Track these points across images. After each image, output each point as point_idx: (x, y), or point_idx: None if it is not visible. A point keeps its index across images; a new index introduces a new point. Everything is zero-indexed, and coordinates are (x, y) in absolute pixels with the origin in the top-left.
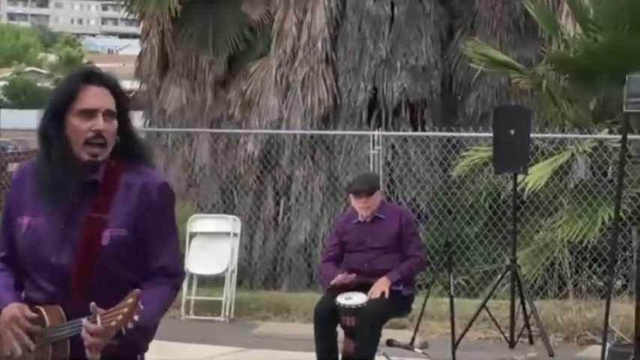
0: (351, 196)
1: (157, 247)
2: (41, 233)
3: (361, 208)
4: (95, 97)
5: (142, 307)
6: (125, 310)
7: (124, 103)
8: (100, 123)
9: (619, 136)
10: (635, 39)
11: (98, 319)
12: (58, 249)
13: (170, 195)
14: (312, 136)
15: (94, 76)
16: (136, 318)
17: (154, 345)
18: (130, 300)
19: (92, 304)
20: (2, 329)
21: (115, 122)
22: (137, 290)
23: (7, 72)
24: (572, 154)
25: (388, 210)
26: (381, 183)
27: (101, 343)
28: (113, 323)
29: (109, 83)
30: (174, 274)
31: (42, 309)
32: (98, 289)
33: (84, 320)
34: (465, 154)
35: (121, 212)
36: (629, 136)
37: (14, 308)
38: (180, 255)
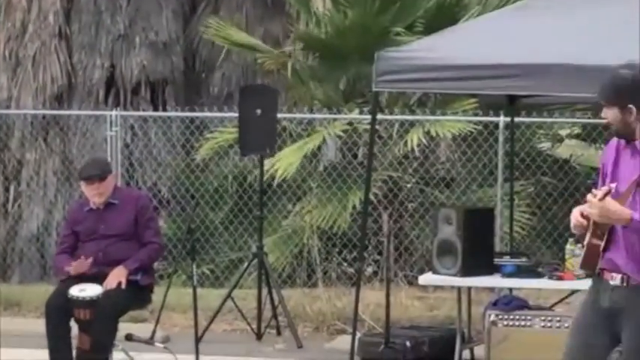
0: (82, 182)
1: None
2: None
3: (94, 195)
4: None
5: None
6: None
7: None
8: None
9: (369, 117)
10: (383, 16)
11: None
12: None
13: None
14: (44, 117)
15: None
16: None
17: None
18: None
19: None
20: None
21: None
22: None
23: None
24: (323, 136)
25: (123, 195)
26: (119, 167)
27: None
28: None
29: None
30: None
31: None
32: None
33: None
34: (209, 135)
35: None
36: (379, 117)
37: None
38: None
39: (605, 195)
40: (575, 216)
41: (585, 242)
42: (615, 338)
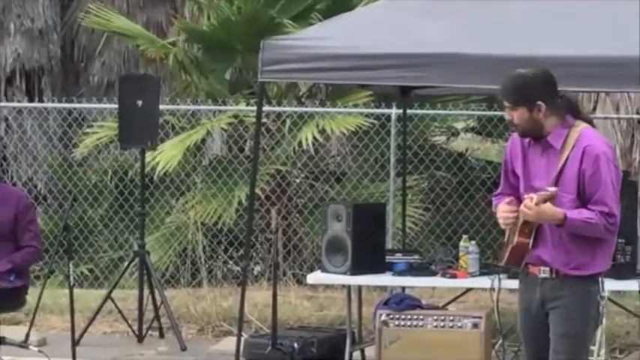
0: None
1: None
2: None
3: None
4: None
5: None
6: None
7: None
8: None
9: (255, 109)
10: (271, 5)
11: None
12: None
13: None
14: None
15: None
16: None
17: None
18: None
19: None
20: None
21: None
22: None
23: None
24: (207, 130)
25: (1, 192)
26: None
27: None
28: None
29: None
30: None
31: None
32: None
33: None
34: (88, 130)
35: None
36: (266, 108)
37: None
38: None
39: (546, 200)
40: (504, 216)
41: (512, 240)
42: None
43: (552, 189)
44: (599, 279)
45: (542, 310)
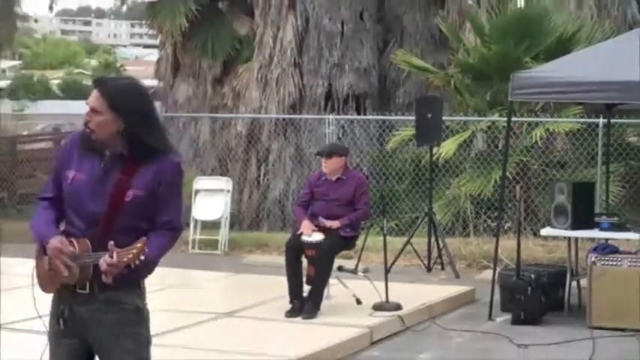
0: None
1: (164, 207)
2: (82, 185)
3: (324, 167)
4: (90, 97)
5: (147, 250)
6: (134, 251)
7: (115, 103)
8: (86, 115)
9: (506, 119)
10: (518, 49)
11: (115, 254)
12: (92, 199)
13: (178, 173)
14: (283, 119)
15: (95, 82)
16: (142, 257)
17: (172, 271)
18: (139, 245)
19: (110, 243)
20: (50, 256)
21: (103, 117)
22: (144, 238)
23: (60, 73)
24: (473, 132)
25: (351, 175)
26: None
27: (114, 271)
28: (125, 259)
29: (99, 87)
30: (175, 227)
31: (74, 240)
32: (118, 232)
33: (103, 254)
34: (395, 133)
35: (141, 180)
36: (513, 119)
37: (56, 241)
38: (181, 214)
39: None
40: None
41: None
42: None
43: None
44: None
45: None
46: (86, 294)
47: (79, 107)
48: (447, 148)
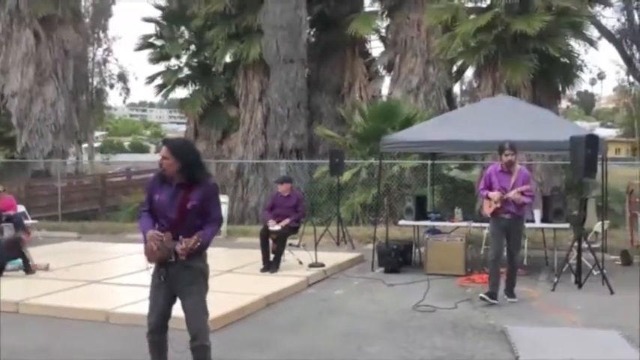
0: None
1: (211, 209)
2: (163, 202)
3: (279, 189)
4: (161, 150)
5: (202, 237)
6: (194, 238)
7: (176, 152)
8: (160, 161)
9: (378, 161)
10: (384, 124)
11: (183, 242)
12: (169, 209)
13: (215, 190)
14: (257, 163)
15: (164, 141)
16: (199, 243)
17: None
18: (195, 237)
19: (181, 236)
20: (149, 241)
21: (170, 161)
22: (200, 232)
23: (129, 138)
24: (360, 168)
25: (293, 193)
26: None
27: (186, 252)
28: (190, 244)
29: (167, 144)
30: (217, 219)
31: (162, 233)
32: (185, 228)
33: (178, 242)
34: (318, 169)
35: (195, 196)
36: (383, 161)
37: (152, 232)
38: (220, 212)
39: None
40: None
41: None
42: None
43: None
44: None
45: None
46: (172, 262)
47: (140, 158)
48: (347, 176)
